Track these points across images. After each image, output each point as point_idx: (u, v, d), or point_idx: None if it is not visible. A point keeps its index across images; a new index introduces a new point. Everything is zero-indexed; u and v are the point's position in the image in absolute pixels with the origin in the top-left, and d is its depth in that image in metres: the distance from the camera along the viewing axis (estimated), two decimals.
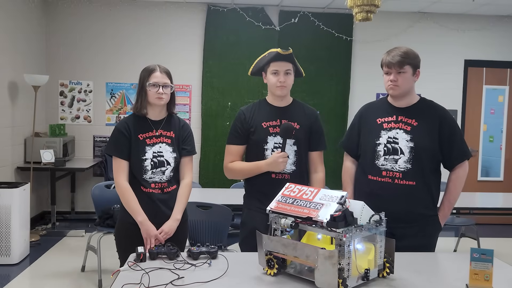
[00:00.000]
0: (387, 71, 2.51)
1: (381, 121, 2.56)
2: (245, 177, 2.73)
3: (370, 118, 2.63)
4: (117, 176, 2.52)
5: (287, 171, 2.60)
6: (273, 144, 2.62)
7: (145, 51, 6.48)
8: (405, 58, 2.45)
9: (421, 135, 2.47)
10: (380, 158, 2.51)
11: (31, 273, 4.44)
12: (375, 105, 2.72)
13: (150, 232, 2.47)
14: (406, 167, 2.46)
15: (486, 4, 6.17)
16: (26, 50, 5.86)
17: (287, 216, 1.92)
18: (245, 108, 2.74)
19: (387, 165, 2.49)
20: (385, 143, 2.51)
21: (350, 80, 6.71)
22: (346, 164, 2.74)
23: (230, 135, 2.73)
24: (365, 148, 2.60)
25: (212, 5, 6.47)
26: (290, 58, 2.60)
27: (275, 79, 2.60)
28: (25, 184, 4.79)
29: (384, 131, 2.53)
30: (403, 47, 2.54)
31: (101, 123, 6.56)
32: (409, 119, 2.51)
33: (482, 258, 1.84)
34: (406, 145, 2.47)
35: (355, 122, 2.73)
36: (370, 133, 2.58)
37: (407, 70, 2.47)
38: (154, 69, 2.55)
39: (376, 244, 1.90)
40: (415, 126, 2.49)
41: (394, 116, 2.54)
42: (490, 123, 6.97)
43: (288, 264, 1.98)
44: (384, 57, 2.53)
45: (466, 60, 6.87)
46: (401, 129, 2.50)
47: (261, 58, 2.68)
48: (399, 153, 2.48)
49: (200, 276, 1.95)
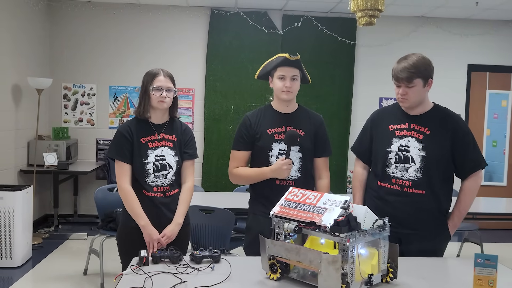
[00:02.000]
0: (396, 84, 2.46)
1: (393, 128, 2.53)
2: (250, 182, 2.73)
3: (382, 124, 2.59)
4: (120, 180, 2.52)
5: (292, 178, 2.61)
6: (278, 150, 2.62)
7: (148, 55, 6.50)
8: (413, 72, 2.37)
9: (434, 144, 2.43)
10: (391, 165, 2.48)
11: (34, 276, 4.44)
12: (388, 111, 2.66)
13: (152, 236, 2.47)
14: (417, 176, 2.43)
15: (490, 8, 6.17)
16: (30, 53, 5.89)
17: (290, 221, 1.91)
18: (250, 114, 2.74)
19: (397, 173, 2.47)
20: (396, 151, 2.48)
21: (353, 85, 6.71)
22: (357, 169, 2.71)
23: (235, 140, 2.73)
24: (377, 155, 2.57)
25: (215, 9, 6.48)
26: (297, 64, 2.60)
27: (281, 84, 2.59)
28: (28, 187, 4.79)
29: (396, 139, 2.50)
30: (413, 56, 2.42)
31: (104, 126, 6.57)
32: (421, 127, 2.46)
33: (486, 263, 1.83)
34: (417, 153, 2.44)
35: (367, 127, 2.69)
36: (382, 139, 2.55)
37: (416, 83, 2.39)
38: (157, 73, 2.56)
39: (379, 249, 1.89)
40: (428, 135, 2.44)
41: (406, 124, 2.49)
42: (494, 127, 6.95)
43: (291, 268, 1.97)
44: (394, 68, 2.44)
45: (469, 65, 6.86)
46: (413, 137, 2.46)
47: (268, 62, 2.68)
48: (410, 161, 2.45)
49: (203, 280, 1.94)
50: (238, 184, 2.93)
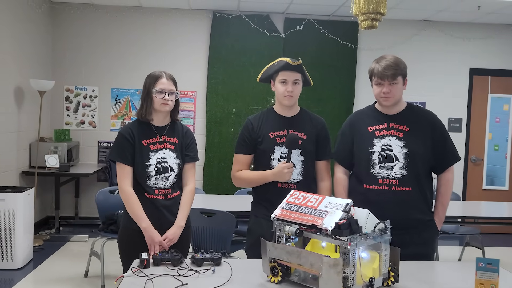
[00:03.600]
0: (379, 82, 2.51)
1: (373, 129, 2.57)
2: (252, 186, 2.74)
3: (361, 127, 2.63)
4: (122, 182, 2.52)
5: (294, 181, 2.62)
6: (280, 154, 2.62)
7: (150, 57, 6.51)
8: (396, 69, 2.46)
9: (414, 140, 2.49)
10: (376, 166, 2.50)
11: (34, 278, 4.44)
12: (364, 113, 2.71)
13: (154, 238, 2.47)
14: (402, 173, 2.47)
15: (492, 12, 6.17)
16: (32, 55, 5.90)
17: (291, 224, 1.91)
18: (252, 118, 2.76)
19: (383, 173, 2.49)
20: (379, 151, 2.51)
21: (354, 88, 6.71)
22: (338, 175, 2.69)
23: (237, 144, 2.75)
24: (359, 157, 2.59)
25: (217, 12, 6.50)
26: (299, 68, 2.61)
27: (283, 88, 2.60)
28: (30, 188, 4.80)
29: (377, 139, 2.54)
30: (391, 56, 2.52)
31: (106, 128, 6.58)
32: (400, 125, 2.52)
33: (488, 267, 1.83)
34: (400, 151, 2.48)
35: (346, 131, 2.72)
36: (362, 142, 2.58)
37: (399, 80, 2.49)
38: (160, 76, 2.56)
39: (380, 252, 1.89)
40: (407, 132, 2.50)
41: (385, 124, 2.55)
42: (495, 131, 6.94)
43: (292, 272, 1.97)
44: (375, 68, 2.50)
45: (471, 69, 6.86)
46: (394, 136, 2.51)
47: (270, 65, 2.69)
48: (394, 160, 2.48)
49: (204, 283, 1.94)
50: (241, 187, 2.94)
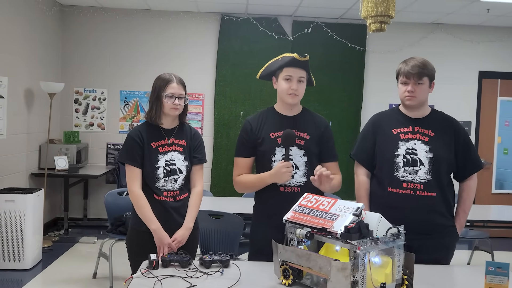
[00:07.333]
0: (404, 81, 2.49)
1: (397, 132, 2.52)
2: (253, 190, 2.57)
3: (384, 128, 2.57)
4: (131, 184, 2.53)
5: (298, 184, 2.44)
6: (281, 155, 2.45)
7: (159, 60, 6.54)
8: (423, 69, 2.45)
9: (439, 145, 2.47)
10: (400, 169, 2.47)
11: (43, 279, 4.47)
12: (388, 115, 2.65)
13: (163, 240, 2.48)
14: (427, 178, 2.44)
15: (501, 15, 6.14)
16: (42, 58, 5.95)
17: (303, 227, 1.90)
18: (251, 118, 2.63)
19: (407, 177, 2.46)
20: (404, 154, 2.47)
21: (363, 91, 6.70)
22: (360, 178, 2.62)
23: (236, 147, 2.62)
24: (382, 159, 2.54)
25: (225, 15, 6.52)
26: (305, 65, 2.46)
27: (287, 86, 2.45)
28: (39, 190, 4.83)
29: (401, 142, 2.49)
30: (420, 57, 2.52)
31: (115, 130, 6.61)
32: (425, 129, 2.50)
33: (497, 271, 1.82)
34: (425, 156, 2.45)
35: (368, 131, 2.65)
36: (387, 143, 2.53)
37: (425, 81, 2.47)
38: (170, 80, 2.56)
39: (394, 257, 1.85)
40: (433, 137, 2.48)
41: (410, 127, 2.52)
42: (505, 135, 6.89)
43: (304, 275, 1.96)
44: (402, 67, 2.50)
45: (480, 72, 6.83)
46: (419, 140, 2.48)
47: (273, 61, 2.55)
48: (418, 164, 2.45)
49: (212, 284, 1.95)
50: (243, 192, 2.88)
